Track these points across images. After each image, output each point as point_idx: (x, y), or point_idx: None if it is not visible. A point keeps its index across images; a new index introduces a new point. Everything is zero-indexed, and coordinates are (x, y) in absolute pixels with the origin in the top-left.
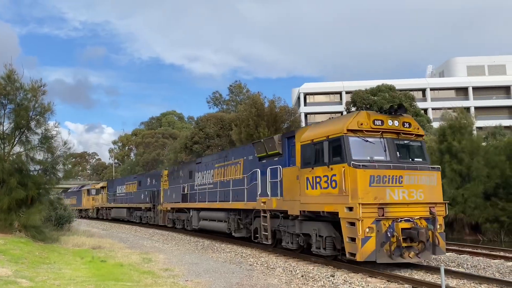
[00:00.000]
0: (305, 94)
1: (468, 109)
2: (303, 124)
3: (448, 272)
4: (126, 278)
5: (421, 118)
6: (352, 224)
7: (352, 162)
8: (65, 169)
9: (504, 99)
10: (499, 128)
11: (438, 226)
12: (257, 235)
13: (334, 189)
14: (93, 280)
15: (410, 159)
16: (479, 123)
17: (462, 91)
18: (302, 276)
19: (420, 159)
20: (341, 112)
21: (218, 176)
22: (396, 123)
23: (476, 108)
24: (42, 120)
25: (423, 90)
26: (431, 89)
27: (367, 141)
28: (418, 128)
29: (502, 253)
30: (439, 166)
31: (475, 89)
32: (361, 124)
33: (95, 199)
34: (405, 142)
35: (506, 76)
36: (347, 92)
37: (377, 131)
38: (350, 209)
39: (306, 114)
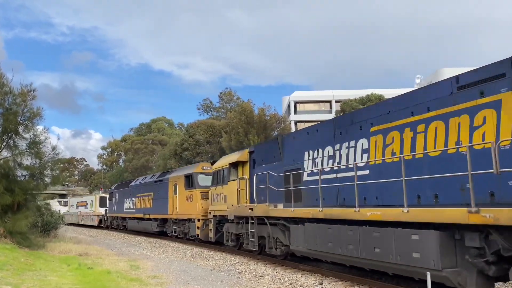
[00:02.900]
0: (295, 102)
1: None
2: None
3: None
4: (113, 286)
5: None
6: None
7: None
8: (53, 174)
9: None
10: None
11: None
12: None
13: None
14: (80, 287)
15: None
16: None
17: None
18: (291, 284)
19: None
20: None
21: None
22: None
23: None
24: (31, 125)
25: None
26: None
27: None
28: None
29: None
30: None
31: None
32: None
33: (213, 195)
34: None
35: None
36: (336, 101)
37: None
38: None
39: (296, 122)
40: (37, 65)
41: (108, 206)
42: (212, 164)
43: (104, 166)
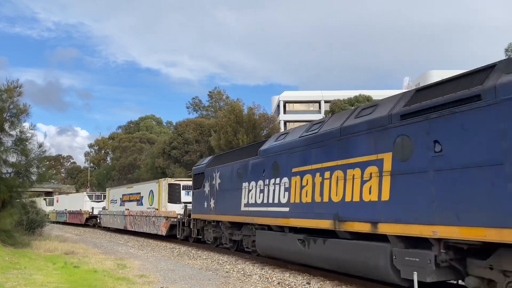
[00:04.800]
0: (285, 102)
1: None
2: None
3: None
4: (99, 285)
5: None
6: None
7: None
8: (39, 172)
9: None
10: None
11: None
12: None
13: None
14: (66, 286)
15: None
16: None
17: None
18: (279, 283)
19: None
20: None
21: None
22: None
23: None
24: (17, 122)
25: None
26: None
27: None
28: None
29: None
30: None
31: None
32: None
33: None
34: None
35: None
36: (325, 101)
37: None
38: None
39: (285, 122)
40: (21, 61)
41: (192, 199)
42: None
43: (91, 164)
